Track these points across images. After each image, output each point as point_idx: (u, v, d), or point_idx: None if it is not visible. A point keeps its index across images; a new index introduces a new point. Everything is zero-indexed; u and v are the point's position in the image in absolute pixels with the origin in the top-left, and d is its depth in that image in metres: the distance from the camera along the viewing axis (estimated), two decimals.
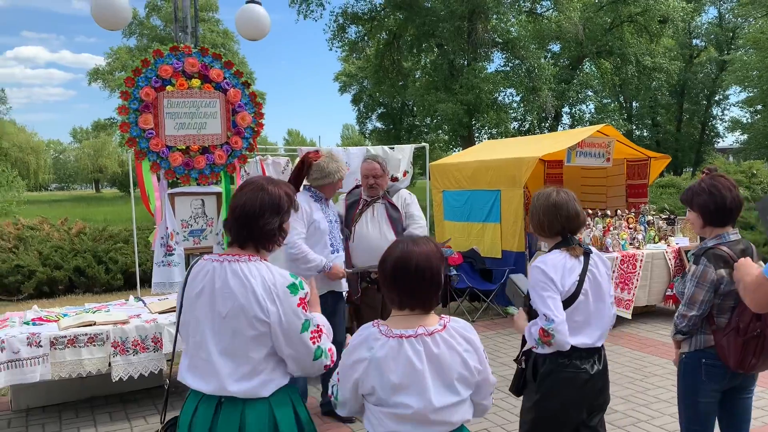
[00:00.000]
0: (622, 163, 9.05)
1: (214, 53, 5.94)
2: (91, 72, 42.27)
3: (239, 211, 2.22)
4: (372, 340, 2.02)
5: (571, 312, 2.72)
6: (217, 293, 2.16)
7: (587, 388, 2.74)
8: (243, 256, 2.20)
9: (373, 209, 4.79)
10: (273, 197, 2.23)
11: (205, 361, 2.17)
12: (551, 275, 2.69)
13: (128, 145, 5.75)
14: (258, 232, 2.22)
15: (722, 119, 40.62)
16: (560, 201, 2.81)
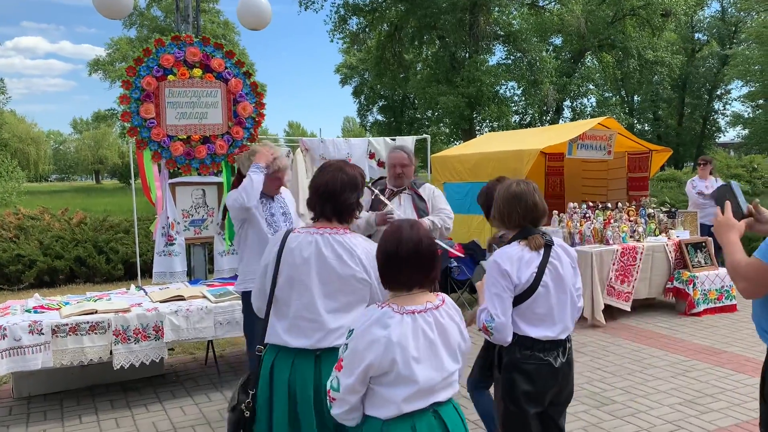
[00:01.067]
0: (623, 156, 9.05)
1: (216, 43, 5.94)
2: (92, 63, 42.21)
3: (323, 188, 2.58)
4: (387, 319, 2.07)
5: (531, 304, 2.72)
6: (327, 260, 2.50)
7: (549, 380, 2.74)
8: (339, 229, 2.58)
9: (399, 199, 4.74)
10: (351, 177, 2.63)
11: (311, 321, 2.49)
12: (505, 268, 2.69)
13: (129, 134, 5.75)
14: (341, 206, 2.59)
15: (724, 114, 40.59)
16: (520, 192, 2.80)
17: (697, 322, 7.09)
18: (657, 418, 4.40)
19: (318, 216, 2.62)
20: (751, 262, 2.30)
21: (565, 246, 2.89)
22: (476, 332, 2.89)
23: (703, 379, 5.20)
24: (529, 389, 2.74)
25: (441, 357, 2.13)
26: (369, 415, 2.12)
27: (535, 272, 2.72)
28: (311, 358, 2.48)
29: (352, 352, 2.07)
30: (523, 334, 2.75)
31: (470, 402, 3.69)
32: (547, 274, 2.74)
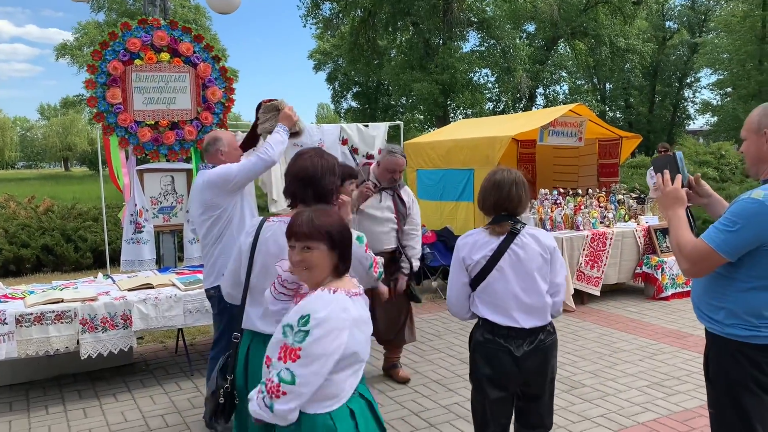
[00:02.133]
0: (594, 142, 9.13)
1: (184, 27, 5.82)
2: (59, 47, 41.22)
3: (303, 173, 2.58)
4: (345, 302, 2.04)
5: (486, 287, 2.77)
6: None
7: (509, 367, 2.73)
8: None
9: (380, 196, 4.74)
10: (330, 162, 2.65)
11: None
12: (459, 251, 2.84)
13: (96, 120, 5.62)
14: (322, 189, 2.58)
15: (693, 101, 41.22)
16: (500, 180, 2.81)
17: (665, 306, 7.21)
18: (625, 401, 4.46)
19: (298, 202, 2.59)
20: (697, 245, 2.31)
21: (539, 236, 2.82)
22: None
23: (670, 362, 5.30)
24: (489, 373, 2.78)
25: (369, 337, 2.17)
26: (311, 413, 2.00)
27: (489, 255, 2.75)
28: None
29: (318, 339, 1.94)
30: (484, 317, 2.80)
31: None
32: (505, 259, 2.74)
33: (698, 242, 2.31)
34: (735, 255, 2.27)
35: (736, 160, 15.80)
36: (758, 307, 2.30)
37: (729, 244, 2.25)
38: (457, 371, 5.16)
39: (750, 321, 2.31)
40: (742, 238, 2.23)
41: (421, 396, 4.65)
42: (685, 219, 2.44)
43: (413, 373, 5.11)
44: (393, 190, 4.83)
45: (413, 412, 4.36)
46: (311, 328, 1.95)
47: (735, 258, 2.28)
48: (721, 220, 2.29)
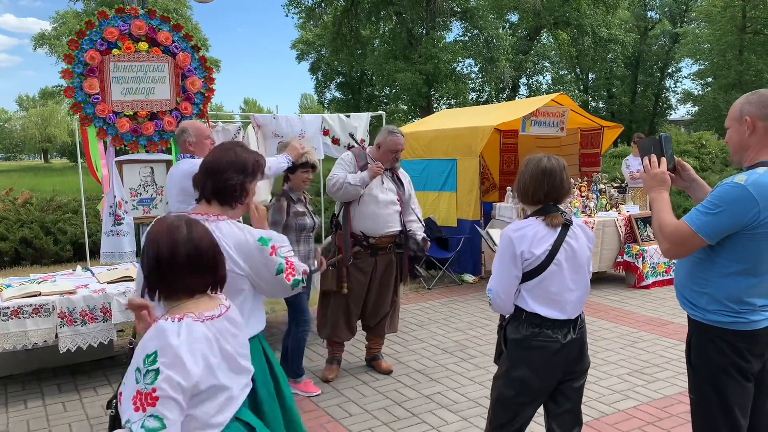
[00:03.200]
0: (575, 132, 9.16)
1: (162, 16, 5.75)
2: (36, 37, 40.54)
3: (205, 165, 2.47)
4: (192, 330, 1.83)
5: (541, 282, 2.68)
6: None
7: (559, 357, 2.70)
8: (211, 216, 2.39)
9: (382, 178, 4.71)
10: (239, 158, 2.47)
11: None
12: (515, 245, 2.66)
13: (73, 110, 5.55)
14: (220, 185, 2.42)
15: (675, 91, 41.53)
16: (551, 168, 2.72)
17: (645, 294, 7.28)
18: (606, 389, 4.50)
19: (200, 196, 2.49)
20: (679, 226, 2.35)
21: (585, 227, 2.82)
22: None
23: (651, 349, 5.35)
24: (533, 368, 2.69)
25: (238, 361, 1.96)
26: None
27: (549, 249, 2.66)
28: None
29: (169, 377, 1.70)
30: (531, 311, 2.70)
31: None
32: (561, 253, 2.68)
33: (680, 224, 2.35)
34: (715, 238, 2.30)
35: (717, 150, 15.97)
36: (738, 293, 2.33)
37: (709, 227, 2.28)
38: (439, 361, 5.17)
39: (731, 307, 2.34)
40: (723, 222, 2.26)
41: (404, 386, 4.65)
42: (668, 201, 2.48)
43: (395, 363, 5.12)
44: (392, 171, 4.82)
45: (396, 402, 4.36)
46: (158, 366, 1.71)
47: (714, 241, 2.31)
48: (704, 203, 2.32)
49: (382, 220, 4.67)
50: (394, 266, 4.82)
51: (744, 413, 2.40)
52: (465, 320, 6.34)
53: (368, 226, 4.64)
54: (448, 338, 5.78)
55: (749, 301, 2.33)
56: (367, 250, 4.67)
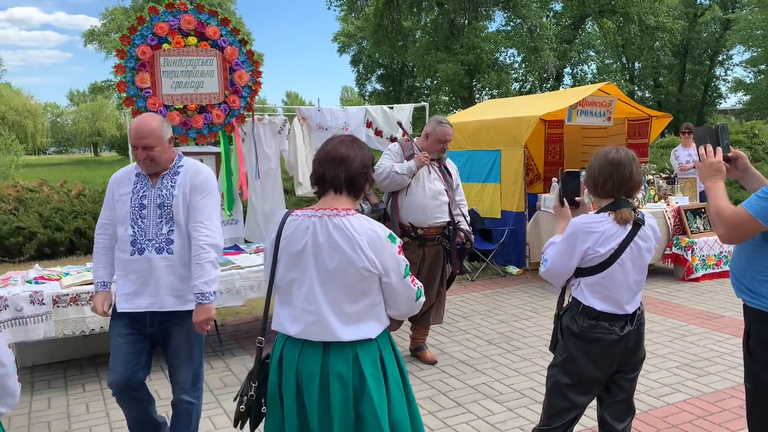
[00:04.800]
0: (623, 122, 8.99)
1: (211, 10, 5.85)
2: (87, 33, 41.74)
3: (333, 153, 2.33)
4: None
5: (602, 279, 2.65)
6: (322, 248, 2.25)
7: (616, 348, 2.68)
8: (341, 211, 2.29)
9: (429, 168, 4.75)
10: (363, 150, 2.41)
11: (311, 313, 2.27)
12: (580, 240, 2.64)
13: (125, 104, 5.70)
14: (352, 172, 2.32)
15: (725, 80, 40.27)
16: (619, 159, 2.68)
17: (695, 287, 7.12)
18: (655, 381, 4.44)
19: (327, 188, 2.35)
20: (737, 211, 2.35)
21: (655, 228, 2.78)
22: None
23: (701, 343, 5.25)
24: (588, 359, 2.69)
25: None
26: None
27: (615, 248, 2.63)
28: (319, 347, 2.29)
29: None
30: (588, 305, 2.69)
31: None
32: (626, 253, 2.65)
33: (738, 209, 2.35)
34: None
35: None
36: None
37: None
38: (484, 352, 5.18)
39: None
40: None
41: (449, 376, 4.68)
42: (723, 189, 2.50)
43: (440, 353, 5.14)
44: (439, 161, 4.85)
45: (441, 391, 4.39)
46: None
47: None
48: (763, 188, 2.33)
49: (430, 211, 4.69)
50: (442, 257, 4.83)
51: None
52: (509, 312, 6.32)
53: (416, 216, 4.67)
54: (493, 329, 5.77)
55: None
56: (415, 241, 4.70)
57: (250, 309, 6.48)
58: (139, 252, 3.05)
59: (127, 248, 3.07)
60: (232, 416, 2.46)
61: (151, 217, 3.06)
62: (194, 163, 3.21)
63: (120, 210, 3.09)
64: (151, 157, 3.02)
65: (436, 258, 4.80)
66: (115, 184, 3.16)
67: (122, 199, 3.09)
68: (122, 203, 3.08)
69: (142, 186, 3.09)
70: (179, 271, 3.08)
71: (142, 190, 3.08)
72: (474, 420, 3.95)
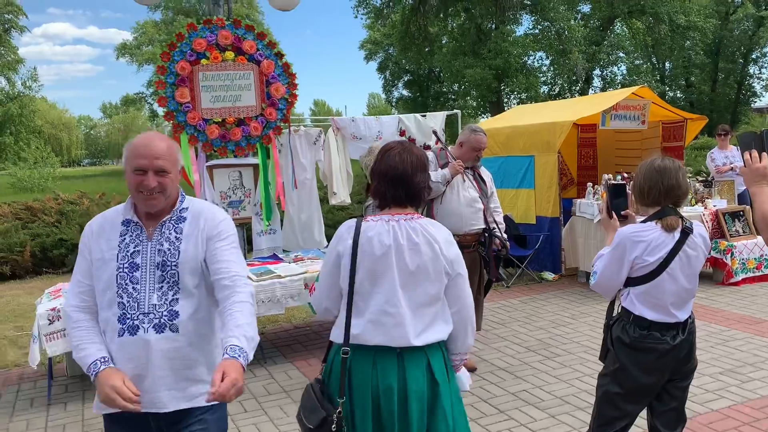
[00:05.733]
0: (657, 125, 8.91)
1: (247, 25, 5.98)
2: (119, 47, 42.57)
3: (393, 171, 2.36)
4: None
5: (651, 289, 2.66)
6: (404, 250, 2.28)
7: (668, 358, 2.69)
8: (414, 215, 2.38)
9: (463, 176, 4.82)
10: (419, 157, 2.42)
11: (392, 315, 2.25)
12: (628, 250, 2.65)
13: (166, 119, 5.85)
14: (414, 188, 2.38)
15: (759, 78, 39.38)
16: (664, 167, 2.69)
17: (735, 291, 7.03)
18: (698, 388, 4.41)
19: (389, 202, 2.38)
20: None
21: (705, 236, 2.77)
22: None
23: (744, 348, 5.18)
24: (640, 369, 2.70)
25: None
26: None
27: (664, 257, 2.64)
28: (393, 356, 2.25)
29: None
30: (639, 314, 2.70)
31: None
32: (676, 261, 2.65)
33: None
34: None
35: None
36: None
37: None
38: (523, 359, 5.19)
39: None
40: None
41: (489, 383, 4.70)
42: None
43: (479, 360, 5.16)
44: (473, 169, 4.90)
45: (482, 398, 4.42)
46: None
47: None
48: None
49: (465, 218, 4.73)
50: (479, 264, 4.86)
51: None
52: (547, 318, 6.31)
53: (452, 223, 4.69)
54: (531, 336, 5.78)
55: None
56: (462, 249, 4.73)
57: (288, 317, 6.58)
58: (130, 331, 2.16)
59: (113, 326, 2.18)
60: (277, 423, 2.37)
61: (147, 282, 2.18)
62: (204, 206, 2.37)
63: (102, 273, 2.19)
64: (163, 187, 2.20)
65: (473, 265, 4.83)
66: (92, 236, 2.25)
67: (104, 257, 2.20)
68: (104, 263, 2.19)
69: (134, 238, 2.22)
70: (188, 356, 2.22)
71: (133, 244, 2.21)
72: (517, 427, 3.96)
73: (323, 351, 2.52)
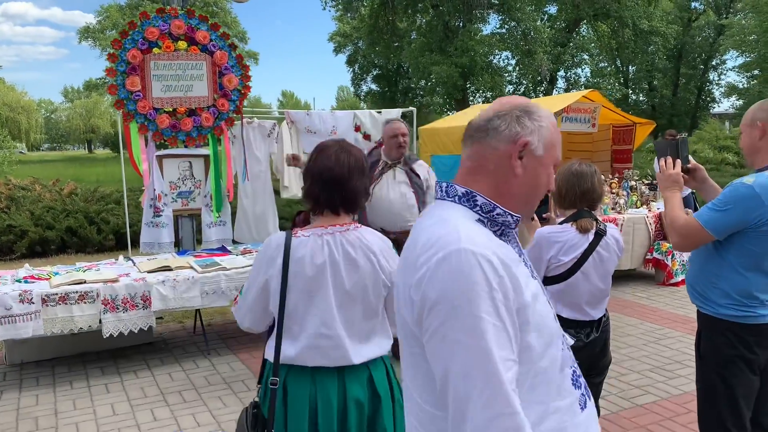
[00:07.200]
0: (608, 128, 9.14)
1: (201, 15, 5.97)
2: (82, 30, 41.61)
3: (328, 174, 2.17)
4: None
5: (566, 287, 2.77)
6: (340, 267, 2.12)
7: (582, 355, 2.77)
8: (350, 225, 2.20)
9: (394, 173, 4.82)
10: (357, 158, 2.22)
11: (329, 337, 2.13)
12: (544, 249, 2.75)
13: (116, 107, 5.82)
14: (350, 194, 2.19)
15: (719, 84, 40.47)
16: (581, 171, 2.82)
17: (674, 291, 7.27)
18: (626, 384, 4.58)
19: (321, 208, 2.20)
20: (689, 221, 2.51)
21: (619, 238, 2.89)
22: None
23: (675, 346, 5.39)
24: None
25: None
26: None
27: (578, 257, 2.74)
28: (333, 373, 2.16)
29: None
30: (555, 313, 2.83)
31: None
32: (590, 262, 2.76)
33: (690, 219, 2.51)
34: (722, 233, 2.45)
35: None
36: (749, 288, 2.46)
37: (716, 223, 2.43)
38: None
39: (741, 301, 2.47)
40: (730, 219, 2.41)
41: None
42: (680, 199, 2.66)
43: None
44: (406, 164, 4.92)
45: None
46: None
47: (721, 236, 2.46)
48: (714, 201, 2.49)
49: (397, 215, 4.76)
50: None
51: (748, 404, 2.52)
52: None
53: (384, 222, 4.73)
54: None
55: (758, 296, 2.46)
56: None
57: None
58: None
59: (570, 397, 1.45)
60: (215, 414, 2.36)
61: None
62: None
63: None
64: None
65: None
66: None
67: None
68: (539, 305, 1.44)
69: None
70: None
71: None
72: None
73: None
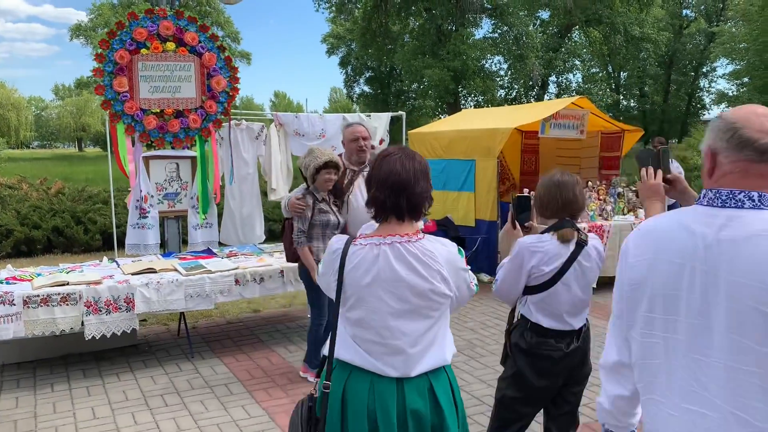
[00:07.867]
0: (596, 135, 9.16)
1: (190, 16, 5.95)
2: (73, 28, 41.52)
3: (395, 178, 2.12)
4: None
5: (546, 297, 2.78)
6: (400, 275, 2.07)
7: (563, 364, 2.83)
8: (412, 236, 2.13)
9: (363, 178, 4.79)
10: (421, 164, 2.18)
11: (385, 346, 2.09)
12: (525, 259, 2.76)
13: (103, 107, 5.79)
14: (417, 198, 2.14)
15: (709, 91, 40.79)
16: (563, 181, 2.83)
17: None
18: None
19: (387, 214, 2.16)
20: None
21: (599, 247, 2.90)
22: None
23: None
24: (535, 374, 2.82)
25: None
26: None
27: (559, 267, 2.75)
28: (392, 383, 2.09)
29: None
30: (535, 322, 2.82)
31: None
32: (571, 272, 2.76)
33: None
34: None
35: None
36: None
37: None
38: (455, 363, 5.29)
39: None
40: None
41: None
42: (659, 210, 2.64)
43: None
44: None
45: None
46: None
47: None
48: None
49: None
50: None
51: None
52: (477, 319, 6.45)
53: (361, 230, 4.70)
54: (459, 336, 5.90)
55: None
56: None
57: (222, 312, 6.57)
58: None
59: None
60: (196, 418, 2.30)
61: None
62: None
63: None
64: None
65: None
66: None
67: None
68: None
69: None
70: None
71: None
72: None
73: (253, 347, 2.48)
